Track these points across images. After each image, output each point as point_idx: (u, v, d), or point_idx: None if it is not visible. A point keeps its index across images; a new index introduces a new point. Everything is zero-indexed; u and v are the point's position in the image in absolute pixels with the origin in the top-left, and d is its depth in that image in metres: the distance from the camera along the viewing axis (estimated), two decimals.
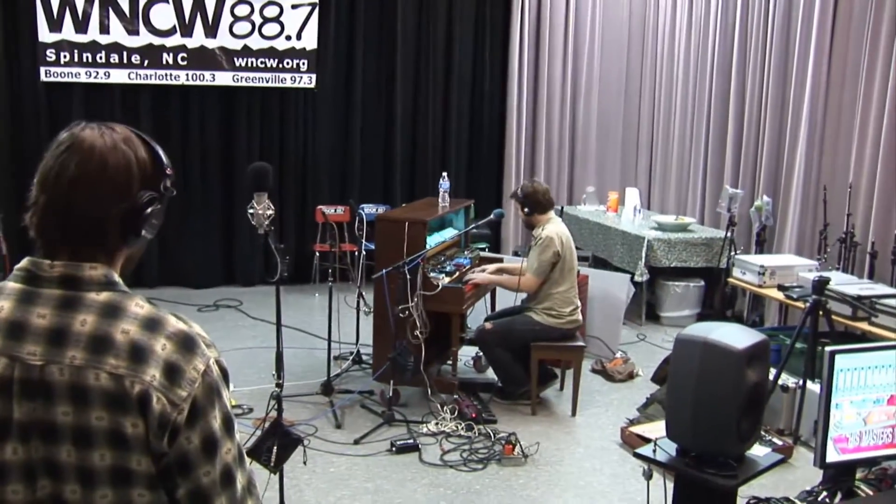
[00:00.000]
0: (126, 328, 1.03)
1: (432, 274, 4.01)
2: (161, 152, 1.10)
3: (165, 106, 6.14)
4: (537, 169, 7.14)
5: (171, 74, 5.95)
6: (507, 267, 4.20)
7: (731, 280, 4.80)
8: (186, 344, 1.05)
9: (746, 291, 5.24)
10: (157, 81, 5.91)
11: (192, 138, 6.25)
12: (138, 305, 1.06)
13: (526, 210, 4.00)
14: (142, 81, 5.87)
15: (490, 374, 4.30)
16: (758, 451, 2.28)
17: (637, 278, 5.39)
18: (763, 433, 3.17)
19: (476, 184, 7.21)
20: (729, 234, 5.20)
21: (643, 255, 5.43)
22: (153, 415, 1.00)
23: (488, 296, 4.50)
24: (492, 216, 4.09)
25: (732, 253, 5.10)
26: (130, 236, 1.08)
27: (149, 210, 1.07)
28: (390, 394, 3.82)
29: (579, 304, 4.02)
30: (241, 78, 6.16)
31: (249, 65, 6.13)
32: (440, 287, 3.87)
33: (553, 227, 3.95)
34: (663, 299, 5.71)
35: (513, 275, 3.98)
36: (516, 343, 3.94)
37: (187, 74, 5.98)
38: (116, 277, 1.08)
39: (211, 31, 6.01)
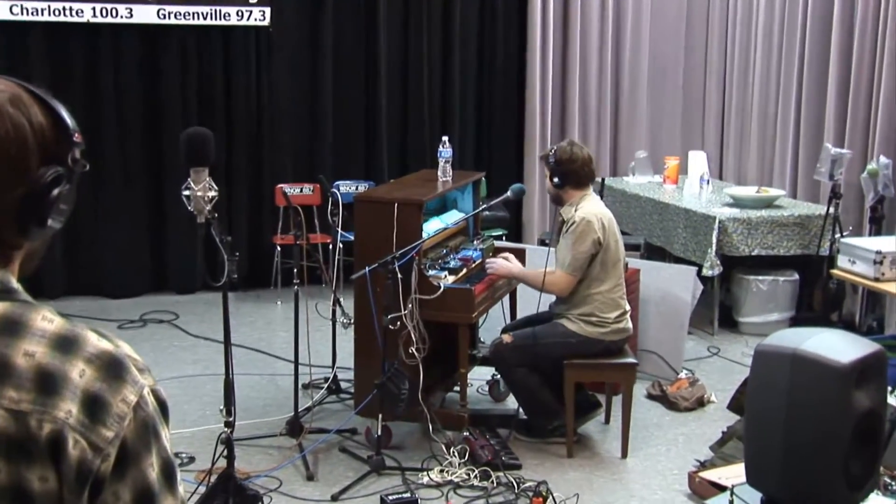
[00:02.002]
0: (30, 349, 1.02)
1: (431, 272, 4.05)
2: (65, 114, 1.10)
3: (64, 52, 6.18)
4: (569, 130, 7.21)
5: (71, 9, 5.87)
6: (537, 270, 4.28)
7: (835, 272, 4.83)
8: (112, 369, 1.05)
9: (858, 287, 5.28)
10: (53, 18, 5.86)
11: (105, 96, 6.32)
12: (46, 319, 1.05)
13: (556, 180, 4.04)
14: (30, 18, 5.81)
15: (511, 402, 4.33)
16: None
17: (706, 272, 5.44)
18: (885, 478, 3.14)
19: (488, 151, 7.29)
20: (832, 210, 5.23)
21: (714, 240, 5.48)
22: (69, 463, 1.00)
23: (507, 299, 4.53)
24: (509, 194, 4.13)
25: (837, 235, 5.13)
26: (32, 228, 1.06)
27: (54, 192, 1.07)
28: (379, 432, 3.85)
29: (628, 307, 4.06)
30: (169, 13, 6.18)
31: None
32: (442, 289, 3.91)
33: (590, 207, 3.98)
34: (742, 300, 5.76)
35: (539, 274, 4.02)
36: (545, 361, 3.99)
37: (94, 9, 5.93)
38: (14, 283, 1.07)
39: None
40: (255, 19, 6.35)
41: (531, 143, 7.15)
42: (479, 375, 4.67)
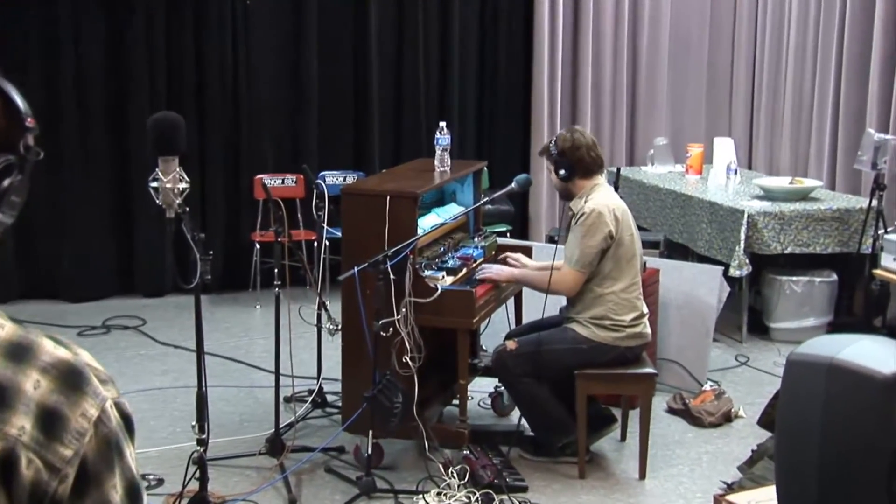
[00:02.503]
0: None
1: (427, 273, 4.05)
2: (16, 95, 1.09)
3: (16, 26, 6.18)
4: (580, 115, 7.24)
5: None
6: (538, 264, 4.31)
7: (878, 272, 4.84)
8: (71, 380, 1.04)
9: None
10: None
11: (63, 76, 6.32)
12: None
13: (562, 173, 4.06)
14: None
15: (516, 417, 4.32)
16: None
17: (734, 272, 5.45)
18: None
19: (490, 138, 7.32)
20: (875, 203, 5.23)
21: (742, 237, 5.49)
22: (21, 485, 0.99)
23: (511, 302, 4.54)
24: (513, 185, 4.15)
25: (881, 231, 5.14)
26: None
27: (5, 182, 1.07)
28: (369, 451, 3.84)
29: (646, 310, 4.07)
30: None
31: None
32: (439, 291, 3.92)
33: (601, 197, 4.00)
34: (774, 303, 5.78)
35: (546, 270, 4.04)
36: (553, 370, 4.01)
37: None
38: None
39: None
40: None
41: (538, 128, 7.17)
42: (481, 387, 4.69)
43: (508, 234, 6.56)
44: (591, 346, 3.97)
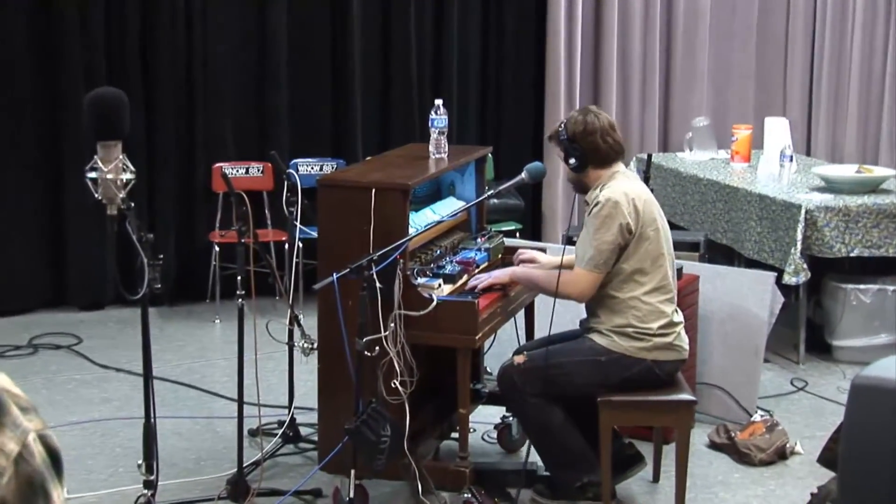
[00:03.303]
0: None
1: (421, 280, 4.06)
2: None
3: None
4: (604, 91, 7.23)
5: None
6: (555, 261, 4.30)
7: None
8: None
9: None
10: None
11: None
12: None
13: (573, 162, 4.08)
14: None
15: (526, 452, 4.29)
16: None
17: (789, 279, 5.44)
18: None
19: (497, 119, 7.30)
20: None
21: (799, 237, 5.48)
22: None
23: (521, 314, 4.55)
24: (524, 175, 4.17)
25: None
26: None
27: None
28: (350, 494, 3.82)
29: (680, 317, 4.09)
30: None
31: None
32: (435, 303, 3.91)
33: (619, 185, 4.02)
34: (838, 316, 5.76)
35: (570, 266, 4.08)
36: (568, 387, 4.02)
37: None
38: None
39: None
40: None
41: (554, 107, 7.16)
42: (485, 417, 4.69)
43: (518, 234, 6.57)
44: (612, 357, 3.99)
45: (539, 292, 4.29)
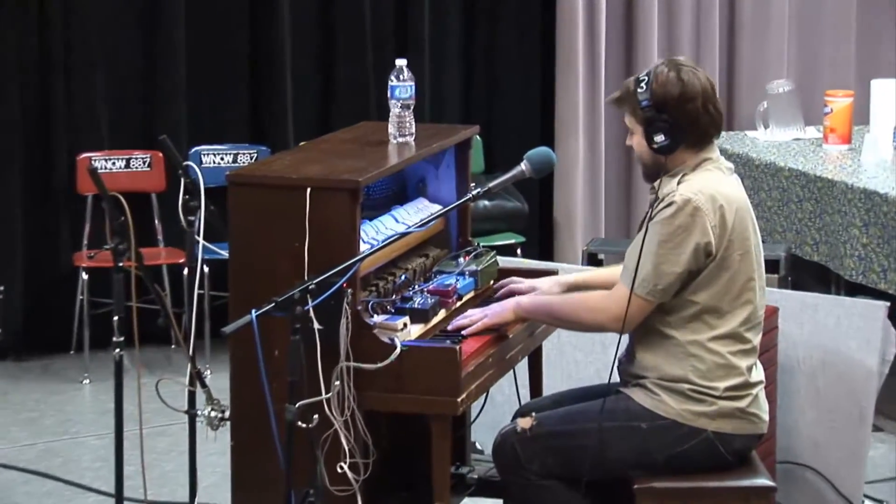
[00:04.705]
0: None
1: (379, 318, 4.06)
2: None
3: None
4: (638, 48, 7.33)
5: None
6: (582, 280, 4.43)
7: None
8: None
9: None
10: None
11: None
12: None
13: (660, 140, 4.04)
14: None
15: None
16: None
17: None
18: None
19: (487, 88, 7.37)
20: None
21: None
22: None
23: (524, 364, 4.61)
24: (524, 166, 4.19)
25: None
26: None
27: None
28: None
29: (760, 374, 4.12)
30: None
31: None
32: (398, 350, 3.88)
33: (707, 181, 4.02)
34: None
35: (594, 287, 4.22)
36: (593, 468, 4.02)
37: None
38: None
39: None
40: None
41: (567, 70, 7.21)
42: None
43: (520, 251, 6.61)
44: (657, 424, 3.99)
45: (560, 326, 4.41)
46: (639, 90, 4.04)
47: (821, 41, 7.68)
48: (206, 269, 4.68)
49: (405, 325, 4.11)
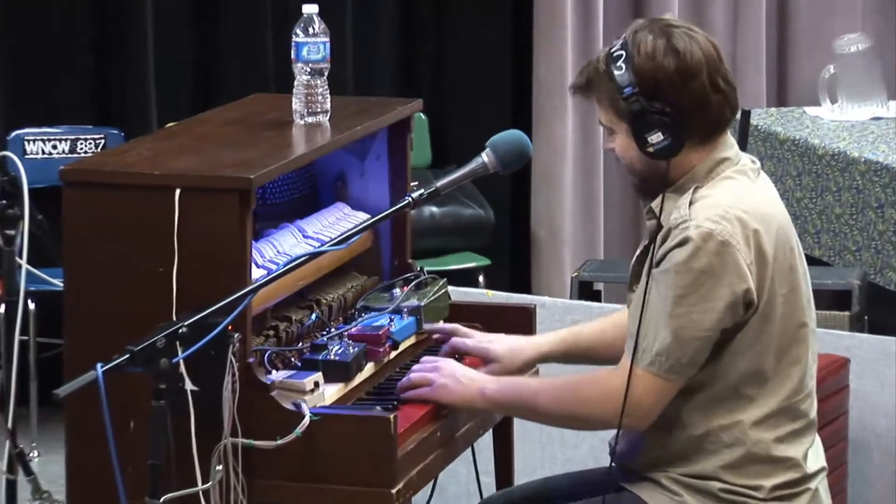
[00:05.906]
0: None
1: (280, 375, 3.91)
2: None
3: None
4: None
5: None
6: (573, 339, 4.16)
7: None
8: None
9: None
10: None
11: None
12: None
13: (658, 140, 3.70)
14: None
15: None
16: None
17: None
18: None
19: (436, 49, 7.02)
20: None
21: None
22: None
23: (487, 438, 4.54)
24: (484, 159, 3.99)
25: None
26: None
27: None
28: None
29: (821, 460, 3.86)
30: None
31: None
32: (307, 421, 3.67)
33: (729, 197, 3.69)
34: None
35: (596, 350, 4.10)
36: None
37: None
38: None
39: None
40: None
41: (550, 24, 6.72)
42: None
43: (482, 279, 6.23)
44: None
45: (545, 423, 4.44)
46: (615, 70, 3.62)
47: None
48: (31, 305, 4.46)
49: (316, 384, 3.80)
